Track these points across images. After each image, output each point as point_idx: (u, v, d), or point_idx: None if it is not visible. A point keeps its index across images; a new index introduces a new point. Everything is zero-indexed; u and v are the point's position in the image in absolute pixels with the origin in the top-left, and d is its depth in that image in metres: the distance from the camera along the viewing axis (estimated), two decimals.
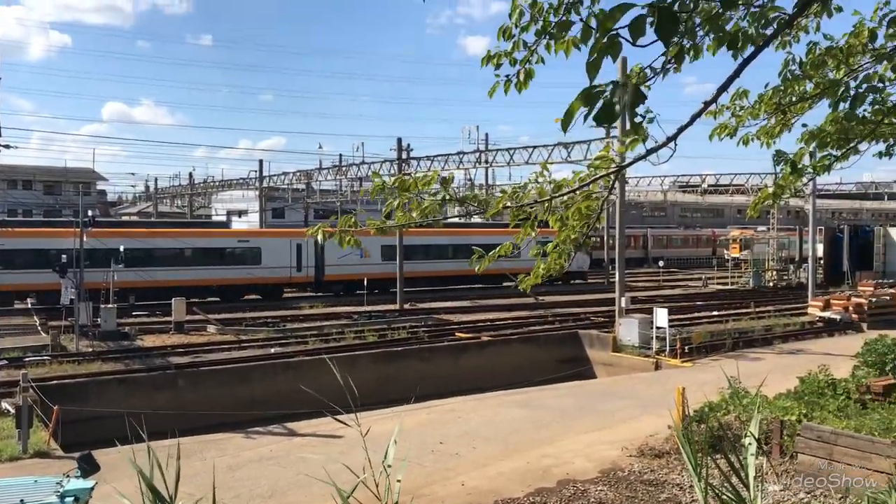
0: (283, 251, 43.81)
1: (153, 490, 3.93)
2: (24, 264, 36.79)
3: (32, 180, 78.91)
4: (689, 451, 4.86)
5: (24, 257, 37.00)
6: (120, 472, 6.88)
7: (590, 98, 3.57)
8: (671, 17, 3.40)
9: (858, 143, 6.65)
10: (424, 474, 13.22)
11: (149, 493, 3.92)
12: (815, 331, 32.57)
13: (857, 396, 14.82)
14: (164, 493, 4.00)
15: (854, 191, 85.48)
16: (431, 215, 5.62)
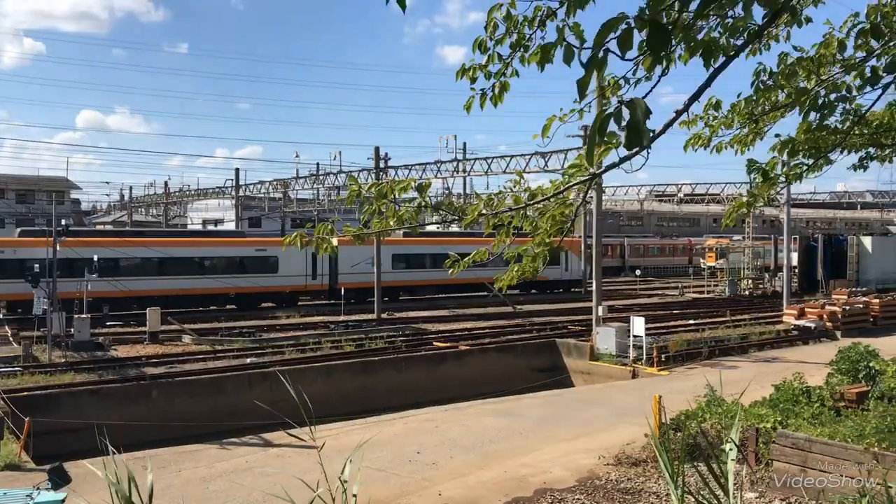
0: (299, 260, 44.34)
1: (126, 501, 3.87)
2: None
3: (5, 189, 77.86)
4: (666, 459, 4.87)
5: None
6: (91, 484, 6.79)
7: (603, 123, 3.57)
8: (663, 30, 3.41)
9: (830, 153, 6.74)
10: (401, 484, 13.16)
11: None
12: (790, 339, 32.88)
13: (832, 404, 14.99)
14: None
15: (828, 200, 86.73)
16: (408, 222, 5.62)
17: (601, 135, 3.56)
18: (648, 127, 3.50)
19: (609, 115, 3.48)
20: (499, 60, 4.71)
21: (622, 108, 3.45)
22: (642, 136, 3.42)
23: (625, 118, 3.46)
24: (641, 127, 3.39)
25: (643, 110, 3.39)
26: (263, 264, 43.66)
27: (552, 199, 5.31)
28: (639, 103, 3.40)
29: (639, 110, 3.38)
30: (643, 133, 3.42)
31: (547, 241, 5.67)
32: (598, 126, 3.53)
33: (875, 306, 36.98)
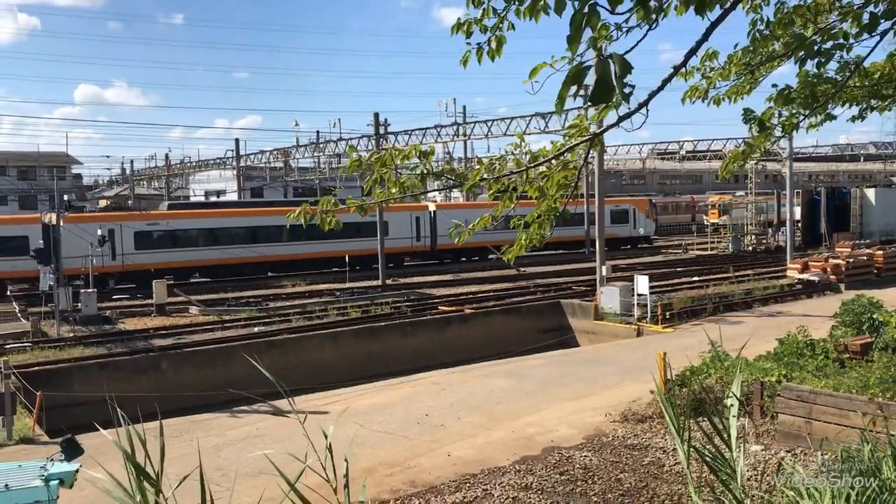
0: (405, 224, 47.87)
1: (137, 468, 3.93)
2: None
3: (6, 166, 77.75)
4: (672, 415, 4.93)
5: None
6: (105, 455, 6.87)
7: (578, 76, 3.54)
8: None
9: (828, 103, 6.69)
10: (410, 446, 13.31)
11: (134, 471, 3.93)
12: (793, 293, 32.94)
13: (836, 356, 15.07)
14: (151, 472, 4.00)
15: (830, 153, 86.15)
16: (410, 190, 5.60)
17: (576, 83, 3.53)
18: (643, 86, 3.48)
19: (587, 67, 3.47)
20: (494, 14, 4.65)
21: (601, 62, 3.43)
22: (610, 91, 3.40)
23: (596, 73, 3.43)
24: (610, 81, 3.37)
25: (620, 65, 3.37)
26: (375, 228, 45.53)
27: (554, 160, 5.29)
28: (616, 58, 3.38)
29: (610, 66, 3.36)
30: (611, 89, 3.40)
31: (553, 205, 5.65)
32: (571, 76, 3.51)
33: (879, 258, 36.95)
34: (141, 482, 3.92)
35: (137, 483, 3.90)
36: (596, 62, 3.49)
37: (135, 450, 4.04)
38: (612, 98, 3.57)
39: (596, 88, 3.47)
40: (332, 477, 4.07)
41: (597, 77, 3.44)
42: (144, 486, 3.91)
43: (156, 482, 3.97)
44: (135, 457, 4.00)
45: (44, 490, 5.25)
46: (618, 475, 11.35)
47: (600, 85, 3.43)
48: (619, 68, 3.45)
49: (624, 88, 3.70)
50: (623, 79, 3.53)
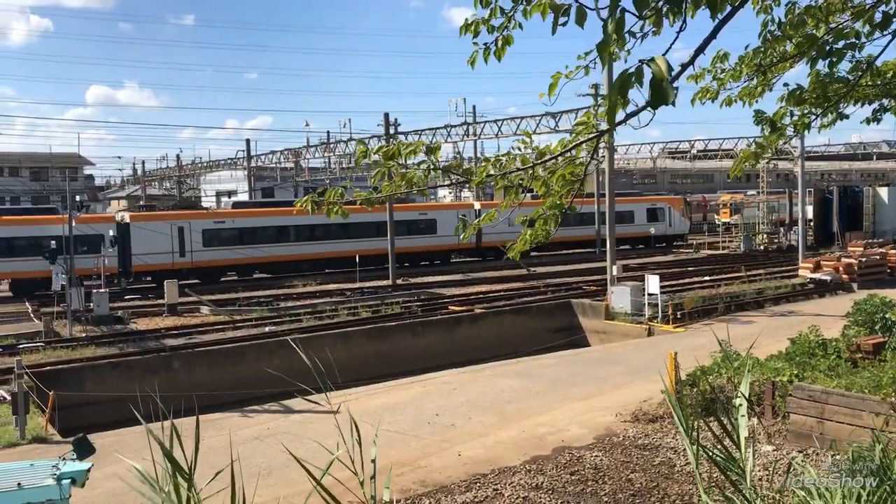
0: (453, 222, 47.75)
1: (173, 461, 3.97)
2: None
3: (18, 167, 78.30)
4: (682, 415, 4.92)
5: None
6: (115, 455, 6.92)
7: (625, 83, 3.53)
8: None
9: (839, 103, 6.65)
10: (421, 446, 13.33)
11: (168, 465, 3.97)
12: (805, 292, 32.77)
13: (848, 356, 14.97)
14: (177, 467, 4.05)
15: (843, 152, 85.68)
16: (417, 185, 5.60)
17: (623, 94, 3.53)
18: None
19: (631, 75, 3.44)
20: (501, 14, 4.67)
21: (643, 67, 3.41)
22: (667, 94, 3.38)
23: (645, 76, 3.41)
24: (665, 84, 3.35)
25: (665, 67, 3.36)
26: (425, 226, 48.38)
27: (561, 157, 5.29)
28: (659, 60, 3.37)
29: (660, 67, 3.34)
30: (667, 91, 3.38)
31: (558, 202, 5.64)
32: (619, 85, 3.49)
33: (892, 257, 36.71)
34: (175, 476, 3.96)
35: (172, 477, 3.94)
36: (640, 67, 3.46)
37: (166, 446, 4.09)
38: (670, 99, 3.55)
39: (653, 92, 3.45)
40: (357, 471, 4.12)
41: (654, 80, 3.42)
42: (178, 480, 3.96)
43: (189, 476, 4.01)
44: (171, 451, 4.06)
45: (56, 489, 5.28)
46: (628, 475, 11.33)
47: (658, 87, 3.40)
48: (665, 70, 3.44)
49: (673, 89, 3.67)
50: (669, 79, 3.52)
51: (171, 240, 40.39)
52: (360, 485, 4.16)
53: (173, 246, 40.29)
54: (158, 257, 39.77)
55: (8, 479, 5.31)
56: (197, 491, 4.05)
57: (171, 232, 40.47)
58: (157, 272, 39.86)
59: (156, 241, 39.63)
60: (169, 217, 42.44)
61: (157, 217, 42.60)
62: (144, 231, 39.86)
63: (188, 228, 41.07)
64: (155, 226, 40.34)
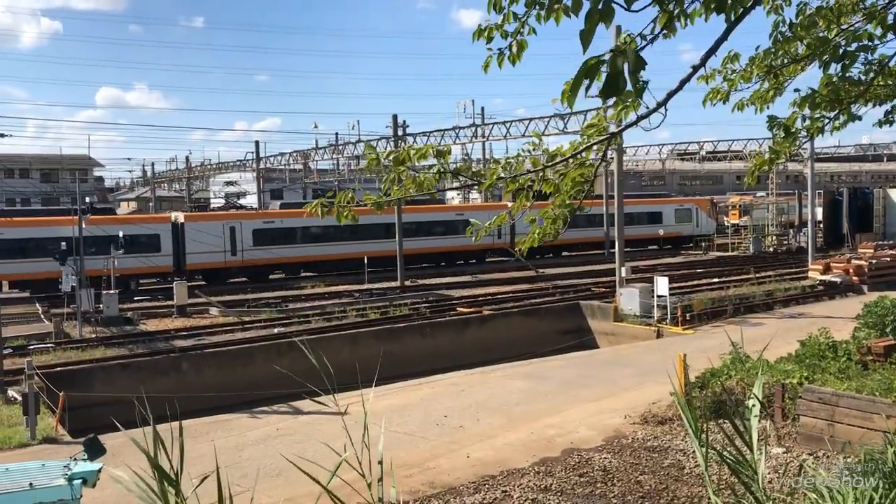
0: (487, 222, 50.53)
1: (158, 468, 3.98)
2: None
3: (29, 168, 78.66)
4: (691, 417, 4.91)
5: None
6: (127, 454, 6.93)
7: (591, 70, 3.53)
8: None
9: (851, 105, 6.62)
10: (429, 447, 13.33)
11: (156, 473, 3.98)
12: (815, 294, 32.64)
13: (859, 358, 14.90)
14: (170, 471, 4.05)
15: (853, 153, 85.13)
16: (427, 189, 5.61)
17: (588, 77, 3.52)
18: (662, 86, 3.47)
19: (601, 62, 3.46)
20: (514, 19, 4.66)
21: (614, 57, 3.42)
22: (621, 86, 3.39)
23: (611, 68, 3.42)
24: (622, 76, 3.36)
25: (633, 60, 3.36)
26: (462, 227, 48.43)
27: (571, 159, 5.29)
28: (629, 53, 3.37)
29: (620, 60, 3.35)
30: (622, 83, 3.39)
31: (567, 202, 5.64)
32: (583, 72, 3.50)
33: None
34: (162, 483, 3.97)
35: (159, 484, 3.94)
36: (609, 56, 3.48)
37: (157, 450, 4.09)
38: (623, 93, 3.56)
39: (607, 82, 3.47)
40: (366, 473, 4.13)
41: (608, 71, 3.44)
42: (165, 486, 3.96)
43: (175, 482, 4.01)
44: (157, 457, 4.05)
45: (67, 489, 5.30)
46: (637, 477, 11.30)
47: (611, 79, 3.43)
48: (632, 63, 3.44)
49: (637, 83, 3.67)
50: (636, 74, 3.52)
51: (223, 239, 41.62)
52: (368, 486, 4.17)
53: (225, 245, 41.66)
54: (211, 256, 41.16)
55: (19, 479, 5.33)
56: (185, 498, 4.06)
57: (223, 232, 41.70)
58: (209, 271, 41.87)
59: (209, 240, 40.87)
60: (221, 217, 43.81)
61: (209, 217, 44.06)
62: (198, 231, 41.01)
63: (239, 228, 42.31)
64: (208, 226, 41.53)
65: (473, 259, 51.35)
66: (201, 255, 40.85)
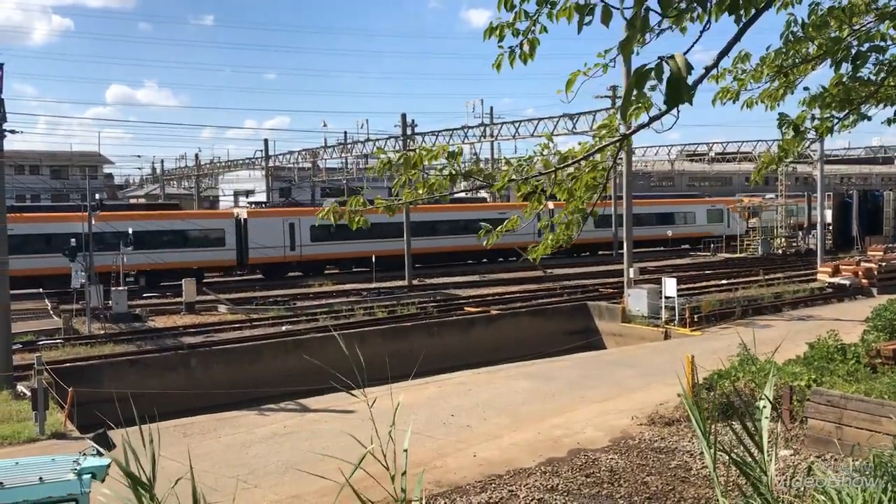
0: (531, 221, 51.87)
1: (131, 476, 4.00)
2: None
3: (39, 165, 79.00)
4: (699, 418, 4.90)
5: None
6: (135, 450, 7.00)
7: (641, 79, 3.51)
8: None
9: (862, 105, 6.60)
10: (436, 446, 13.34)
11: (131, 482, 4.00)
12: (824, 297, 32.52)
13: (867, 361, 14.86)
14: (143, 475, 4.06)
15: (863, 155, 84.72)
16: (438, 191, 5.60)
17: (639, 89, 3.51)
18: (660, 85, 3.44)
19: (648, 70, 3.42)
20: (526, 17, 4.65)
21: (662, 63, 3.39)
22: (682, 91, 3.36)
23: (665, 73, 3.38)
24: (682, 82, 3.33)
25: (683, 65, 3.34)
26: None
27: (583, 161, 5.28)
28: (678, 58, 3.35)
29: (678, 65, 3.32)
30: (683, 88, 3.36)
31: (581, 206, 5.63)
32: (635, 81, 3.48)
33: None
34: (137, 489, 3.99)
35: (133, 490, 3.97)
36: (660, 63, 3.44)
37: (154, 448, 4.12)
38: (686, 97, 3.52)
39: (669, 90, 3.43)
40: (380, 469, 4.14)
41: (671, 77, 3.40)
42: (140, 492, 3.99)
43: (148, 487, 4.03)
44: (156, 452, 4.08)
45: (76, 483, 5.34)
46: (644, 478, 11.29)
47: (673, 86, 3.39)
48: (683, 69, 3.42)
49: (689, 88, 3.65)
50: (687, 78, 3.50)
51: (283, 235, 42.96)
52: (392, 479, 4.18)
53: (285, 240, 43.22)
54: (271, 251, 42.78)
55: (30, 473, 5.37)
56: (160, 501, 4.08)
57: (282, 227, 42.97)
58: (270, 265, 43.62)
59: (270, 235, 42.44)
60: (281, 213, 44.85)
61: (271, 213, 45.08)
62: (259, 226, 42.45)
63: (298, 224, 43.45)
64: (269, 222, 42.88)
65: (514, 256, 51.64)
66: (262, 249, 42.55)
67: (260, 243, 42.30)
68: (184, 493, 4.10)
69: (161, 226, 40.55)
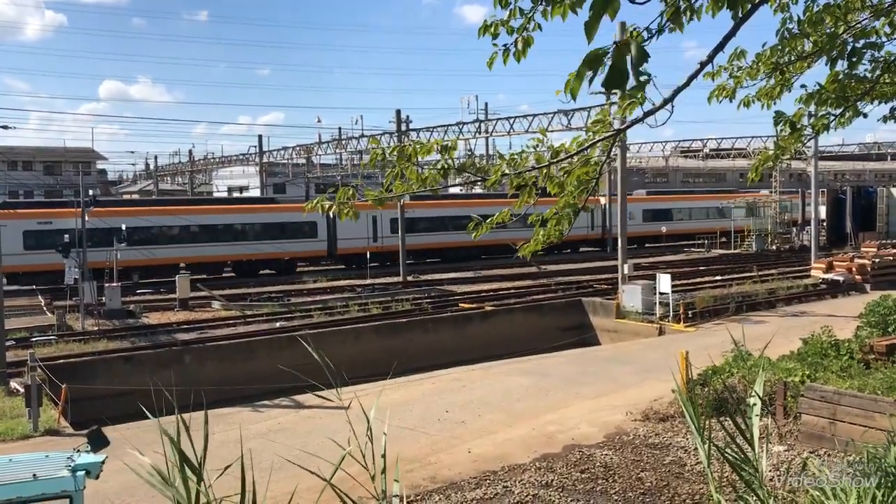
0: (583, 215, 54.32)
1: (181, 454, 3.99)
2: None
3: (32, 161, 78.74)
4: (693, 414, 4.91)
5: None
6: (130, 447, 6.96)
7: (594, 62, 3.51)
8: None
9: (857, 102, 6.61)
10: (430, 442, 13.34)
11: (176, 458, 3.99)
12: (818, 293, 32.61)
13: (861, 357, 14.89)
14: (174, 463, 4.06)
15: (857, 152, 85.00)
16: (431, 184, 5.60)
17: (591, 69, 3.51)
18: (668, 83, 3.45)
19: (603, 53, 3.44)
20: (521, 15, 4.64)
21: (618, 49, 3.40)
22: (624, 77, 3.38)
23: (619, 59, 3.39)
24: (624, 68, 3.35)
25: (636, 53, 3.34)
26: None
27: (576, 156, 5.27)
28: (633, 45, 3.36)
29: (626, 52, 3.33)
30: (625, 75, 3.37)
31: (572, 202, 5.62)
32: (587, 60, 3.48)
33: None
34: (184, 470, 3.98)
35: (181, 471, 3.96)
36: (613, 48, 3.46)
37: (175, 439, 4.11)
38: (626, 85, 3.53)
39: (610, 74, 3.45)
40: (369, 467, 4.14)
41: (612, 62, 3.41)
42: (187, 473, 3.97)
43: (197, 469, 4.03)
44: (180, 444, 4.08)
45: (71, 480, 5.31)
46: (639, 474, 11.31)
47: (614, 71, 3.41)
48: (636, 55, 3.42)
49: (640, 77, 3.64)
50: (639, 66, 3.49)
51: (367, 227, 46.23)
52: (371, 479, 4.18)
53: (369, 233, 46.67)
54: (357, 242, 45.78)
55: (23, 469, 5.35)
56: (207, 485, 4.07)
57: (367, 220, 45.68)
58: (355, 255, 46.50)
59: (356, 228, 44.70)
60: (366, 208, 45.91)
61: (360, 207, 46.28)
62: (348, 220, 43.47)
63: (380, 217, 46.09)
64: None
65: (567, 248, 54.28)
66: (349, 241, 45.77)
67: (347, 235, 45.40)
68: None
69: (261, 218, 44.03)
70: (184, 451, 4.01)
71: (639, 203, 59.23)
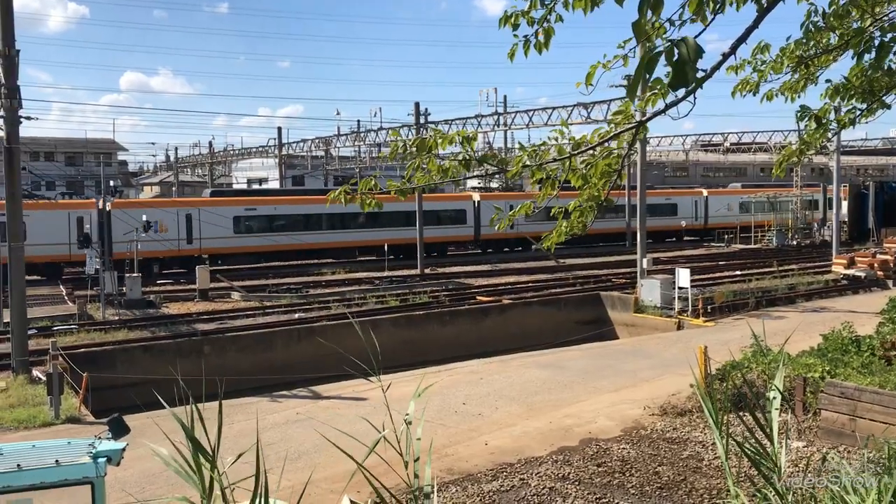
0: (689, 205, 60.40)
1: (195, 443, 4.03)
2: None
3: (54, 152, 79.41)
4: (711, 409, 4.88)
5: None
6: (149, 435, 7.02)
7: (651, 63, 3.49)
8: None
9: (884, 96, 6.53)
10: (448, 434, 13.37)
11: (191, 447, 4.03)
12: (839, 288, 32.33)
13: (882, 353, 14.76)
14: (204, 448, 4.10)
15: (880, 146, 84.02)
16: (453, 175, 5.59)
17: (649, 71, 3.48)
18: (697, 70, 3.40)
19: (658, 54, 3.40)
20: (541, 6, 4.61)
21: (673, 47, 3.36)
22: (688, 75, 3.34)
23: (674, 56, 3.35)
24: (689, 65, 3.31)
25: (693, 49, 3.31)
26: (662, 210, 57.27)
27: (597, 147, 5.24)
28: (689, 41, 3.32)
29: (688, 48, 3.30)
30: (690, 72, 3.33)
31: (595, 194, 5.60)
32: (645, 63, 3.45)
33: None
34: (198, 457, 4.02)
35: (194, 457, 3.99)
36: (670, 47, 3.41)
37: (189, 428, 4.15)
38: (691, 81, 3.49)
39: (674, 73, 3.41)
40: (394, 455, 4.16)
41: (677, 60, 3.38)
42: (201, 460, 4.01)
43: (211, 457, 4.06)
44: (193, 433, 4.11)
45: (92, 467, 5.38)
46: (656, 468, 11.28)
47: (679, 68, 3.37)
48: (692, 53, 3.39)
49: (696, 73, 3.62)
50: (695, 63, 3.47)
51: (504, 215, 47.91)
52: (405, 465, 4.20)
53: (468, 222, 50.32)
54: (489, 229, 47.36)
55: (46, 456, 5.42)
56: (220, 472, 4.10)
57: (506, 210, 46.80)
58: (495, 240, 51.15)
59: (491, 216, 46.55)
60: (504, 197, 50.99)
61: (497, 197, 52.22)
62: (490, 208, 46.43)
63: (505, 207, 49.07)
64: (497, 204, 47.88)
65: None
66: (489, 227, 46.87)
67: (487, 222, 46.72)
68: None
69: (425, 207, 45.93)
70: (198, 439, 4.04)
71: (735, 195, 63.30)
